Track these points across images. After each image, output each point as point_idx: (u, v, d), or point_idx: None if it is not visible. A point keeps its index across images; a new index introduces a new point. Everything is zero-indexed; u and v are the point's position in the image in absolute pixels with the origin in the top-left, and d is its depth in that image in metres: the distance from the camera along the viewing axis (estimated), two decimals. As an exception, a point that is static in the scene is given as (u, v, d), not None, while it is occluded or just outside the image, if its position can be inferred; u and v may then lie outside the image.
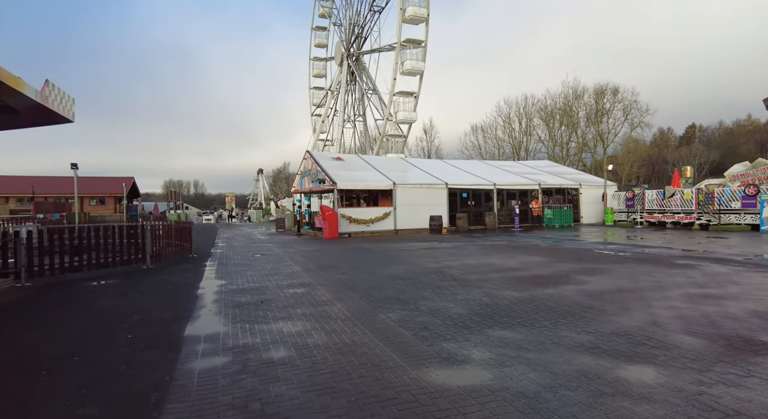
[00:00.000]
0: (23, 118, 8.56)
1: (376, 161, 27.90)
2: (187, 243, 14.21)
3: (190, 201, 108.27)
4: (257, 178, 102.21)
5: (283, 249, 16.13)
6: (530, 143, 60.62)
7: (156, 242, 12.00)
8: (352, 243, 17.86)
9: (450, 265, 10.58)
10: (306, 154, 27.36)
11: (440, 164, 29.88)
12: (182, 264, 12.15)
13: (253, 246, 17.76)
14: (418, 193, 23.17)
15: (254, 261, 12.45)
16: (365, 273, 9.78)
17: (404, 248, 15.01)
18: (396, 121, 37.16)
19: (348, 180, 22.29)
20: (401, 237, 20.12)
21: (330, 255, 13.47)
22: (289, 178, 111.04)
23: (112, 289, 8.43)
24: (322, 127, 54.47)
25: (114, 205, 56.97)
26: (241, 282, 8.98)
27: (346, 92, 47.01)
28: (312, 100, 60.70)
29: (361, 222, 21.83)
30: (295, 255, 13.73)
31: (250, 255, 14.26)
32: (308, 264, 11.64)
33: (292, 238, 21.90)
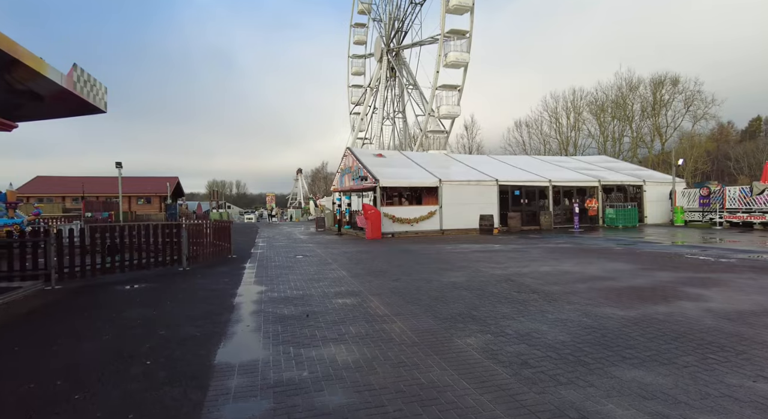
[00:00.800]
0: (50, 105, 7.86)
1: (418, 157, 26.56)
2: (226, 244, 13.42)
3: (233, 200, 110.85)
4: (296, 178, 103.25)
5: (326, 250, 15.11)
6: (579, 138, 57.40)
7: (193, 243, 11.22)
8: (396, 244, 16.62)
9: (519, 272, 9.11)
10: (347, 151, 26.39)
11: (487, 160, 28.13)
12: (220, 266, 11.31)
13: (294, 246, 16.87)
14: (466, 190, 21.63)
15: (296, 264, 11.44)
16: (422, 280, 8.49)
17: (457, 251, 13.60)
18: (438, 116, 35.63)
19: (391, 177, 21.08)
20: (448, 238, 18.68)
21: (376, 258, 12.28)
22: (327, 178, 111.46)
23: (142, 295, 7.56)
24: (361, 125, 53.66)
25: (159, 204, 58.55)
26: (283, 289, 7.91)
27: (386, 88, 45.89)
28: (350, 99, 60.04)
29: (404, 221, 20.56)
30: (339, 258, 12.63)
31: (292, 256, 13.30)
32: (354, 267, 10.48)
33: (333, 238, 20.93)
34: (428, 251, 13.65)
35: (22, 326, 5.80)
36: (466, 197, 21.52)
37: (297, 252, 14.59)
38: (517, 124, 63.30)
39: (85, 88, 7.90)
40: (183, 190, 72.40)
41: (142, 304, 6.87)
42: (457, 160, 27.14)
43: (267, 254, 14.09)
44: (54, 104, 7.85)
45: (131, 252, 9.86)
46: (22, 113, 7.90)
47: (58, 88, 7.16)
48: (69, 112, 8.62)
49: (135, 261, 9.71)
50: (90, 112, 8.72)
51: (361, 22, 56.42)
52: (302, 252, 14.55)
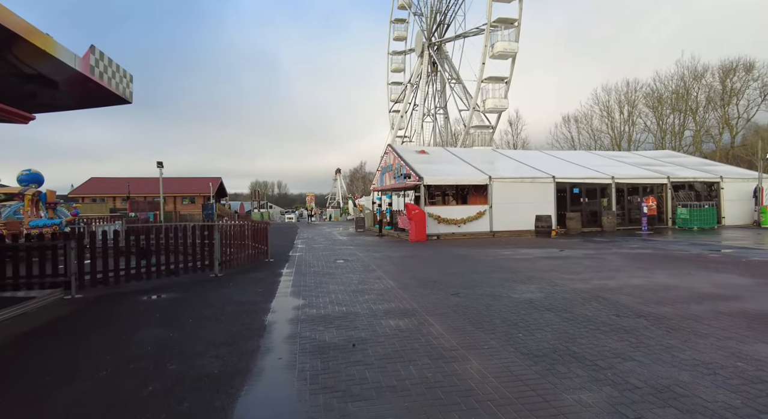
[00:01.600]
0: (66, 94, 7.04)
1: (464, 153, 24.94)
2: (263, 246, 12.48)
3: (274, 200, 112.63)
4: (335, 178, 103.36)
5: (367, 253, 13.91)
6: (633, 133, 53.49)
7: (227, 243, 10.29)
8: (444, 247, 15.19)
9: (606, 286, 7.49)
10: (387, 148, 25.17)
11: (538, 155, 26.07)
12: (255, 271, 10.33)
13: (334, 248, 15.79)
14: (519, 188, 19.84)
15: (337, 270, 10.29)
16: (487, 295, 7.06)
17: (517, 257, 12.01)
18: (484, 110, 33.74)
19: (435, 174, 19.62)
20: (501, 241, 17.03)
21: (425, 264, 10.92)
22: (365, 177, 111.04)
23: (163, 310, 6.59)
24: (401, 123, 52.38)
25: (202, 204, 59.82)
26: (323, 304, 6.72)
27: (427, 84, 44.34)
28: (390, 96, 58.86)
29: (450, 222, 19.06)
30: (383, 263, 11.38)
31: (332, 260, 12.18)
32: (402, 275, 9.18)
33: (374, 240, 19.74)
34: (483, 256, 12.15)
35: (12, 351, 4.88)
36: (518, 196, 19.73)
37: (337, 255, 13.47)
38: (565, 119, 59.94)
39: (106, 74, 7.03)
40: (226, 190, 73.81)
41: (160, 322, 5.86)
42: (505, 156, 25.30)
43: (305, 258, 13.05)
44: (71, 92, 7.03)
45: (166, 254, 9.03)
46: (38, 103, 7.14)
47: (72, 73, 6.29)
48: (90, 102, 7.81)
49: (163, 267, 8.84)
50: (113, 102, 7.89)
51: (401, 18, 55.13)
52: (343, 255, 13.42)
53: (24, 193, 13.37)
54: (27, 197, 13.41)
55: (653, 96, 51.13)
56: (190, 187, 61.19)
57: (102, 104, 8.01)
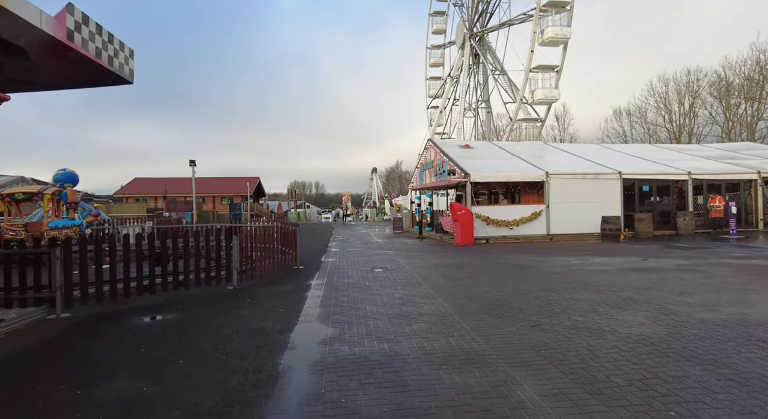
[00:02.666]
0: (43, 67, 5.71)
1: (513, 147, 22.72)
2: (291, 251, 10.99)
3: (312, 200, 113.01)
4: (371, 177, 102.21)
5: (408, 259, 12.16)
6: (695, 125, 48.84)
7: (248, 251, 8.83)
8: (496, 253, 13.21)
9: (748, 317, 5.39)
10: (428, 144, 23.32)
11: (597, 149, 23.43)
12: (280, 282, 8.82)
13: (371, 253, 14.14)
14: (580, 185, 17.49)
15: (375, 282, 8.61)
16: (581, 328, 5.16)
17: (593, 267, 9.92)
18: (532, 102, 31.21)
19: (483, 170, 17.61)
20: (563, 246, 14.83)
21: (481, 276, 9.06)
22: (402, 176, 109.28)
23: (153, 341, 5.11)
24: (439, 119, 50.33)
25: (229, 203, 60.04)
26: (359, 336, 5.04)
27: (468, 76, 42.06)
28: (428, 92, 56.84)
29: (501, 224, 17.00)
30: (430, 274, 9.60)
31: (368, 269, 10.52)
32: (456, 293, 7.37)
33: (414, 243, 17.97)
34: (551, 267, 10.13)
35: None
36: (579, 194, 17.40)
37: (374, 262, 11.81)
38: (617, 113, 55.66)
39: (93, 43, 5.65)
40: (264, 190, 74.18)
41: (141, 363, 4.36)
42: (559, 149, 22.85)
43: (339, 264, 11.47)
44: (48, 65, 5.70)
45: (186, 260, 7.69)
46: (9, 78, 5.85)
47: (42, 37, 4.93)
48: (77, 79, 6.49)
49: (170, 279, 7.46)
50: (108, 80, 6.55)
51: (440, 10, 53.04)
52: (381, 262, 11.74)
53: (44, 192, 12.53)
54: (47, 196, 12.57)
55: (720, 84, 46.42)
56: (228, 186, 61.67)
57: (94, 83, 6.69)
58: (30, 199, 12.72)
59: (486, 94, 43.05)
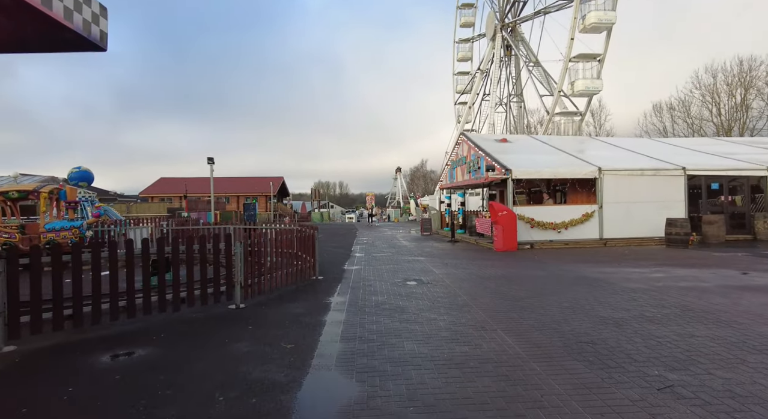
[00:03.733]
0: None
1: (556, 141, 20.58)
2: (309, 258, 9.37)
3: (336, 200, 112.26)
4: (395, 177, 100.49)
5: (446, 269, 10.40)
6: (747, 119, 45.05)
7: (257, 259, 7.27)
8: (547, 260, 11.30)
9: None
10: (460, 138, 21.43)
11: (649, 142, 21.03)
12: (293, 299, 7.22)
13: (400, 260, 12.42)
14: (638, 183, 15.33)
15: (410, 302, 6.90)
16: (746, 399, 3.31)
17: (681, 282, 7.92)
18: (573, 94, 28.85)
19: (526, 165, 15.65)
20: (620, 253, 12.77)
21: (543, 294, 7.23)
22: (426, 176, 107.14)
23: (99, 399, 3.55)
24: (468, 116, 48.20)
25: (265, 203, 59.34)
26: (398, 400, 3.35)
27: (499, 68, 39.84)
28: (456, 87, 54.69)
29: (547, 226, 15.01)
30: (476, 289, 7.82)
31: (400, 281, 8.81)
32: (519, 320, 5.58)
33: (446, 247, 16.16)
34: (624, 280, 8.19)
35: None
36: (636, 193, 15.25)
37: (406, 272, 10.09)
38: (656, 108, 52.10)
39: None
40: (288, 190, 73.54)
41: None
42: (606, 143, 20.56)
43: (365, 274, 9.81)
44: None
45: (189, 269, 6.20)
46: None
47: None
48: (34, 40, 5.01)
49: (155, 297, 5.94)
50: (74, 44, 5.07)
51: (469, 2, 50.80)
52: (413, 272, 10.02)
53: (40, 190, 11.36)
54: (43, 195, 11.40)
55: (778, 74, 42.55)
56: (252, 186, 61.09)
57: (55, 46, 5.22)
58: (25, 198, 11.58)
59: (519, 87, 40.72)
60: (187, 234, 14.18)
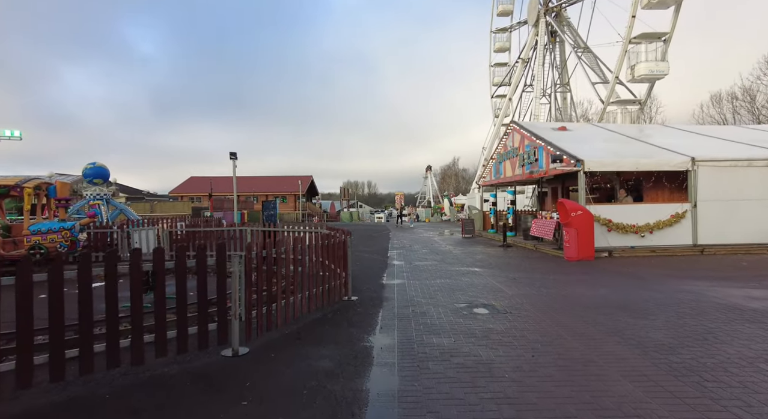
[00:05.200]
0: None
1: (626, 129, 17.64)
2: (340, 271, 7.11)
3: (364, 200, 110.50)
4: (425, 176, 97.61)
5: (519, 288, 7.94)
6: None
7: (266, 281, 5.07)
8: (644, 273, 8.66)
9: None
10: (511, 127, 18.78)
11: (739, 130, 17.73)
12: (316, 341, 4.97)
13: (451, 271, 10.01)
14: (743, 177, 12.38)
15: (494, 351, 4.52)
16: None
17: None
18: (632, 79, 25.58)
19: (601, 156, 12.94)
20: (732, 263, 9.95)
21: (694, 335, 4.71)
22: (458, 174, 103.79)
23: None
24: (507, 110, 45.10)
25: (294, 202, 58.00)
26: None
27: (544, 54, 36.70)
28: (492, 80, 51.57)
29: (628, 229, 12.28)
30: (587, 329, 5.36)
31: (464, 308, 6.42)
32: (719, 407, 3.12)
33: (499, 253, 13.63)
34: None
35: None
36: (742, 189, 12.30)
37: (466, 290, 7.69)
38: (715, 98, 47.40)
39: None
40: (317, 189, 72.19)
41: None
42: (685, 131, 17.43)
43: (412, 293, 7.48)
44: None
45: (200, 286, 4.10)
46: None
47: None
48: None
49: (128, 339, 3.80)
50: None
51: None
52: (477, 291, 7.61)
53: (23, 186, 9.61)
54: (27, 191, 9.64)
55: None
56: (281, 185, 59.89)
57: None
58: (6, 194, 9.86)
59: (564, 76, 37.42)
60: (199, 236, 12.24)
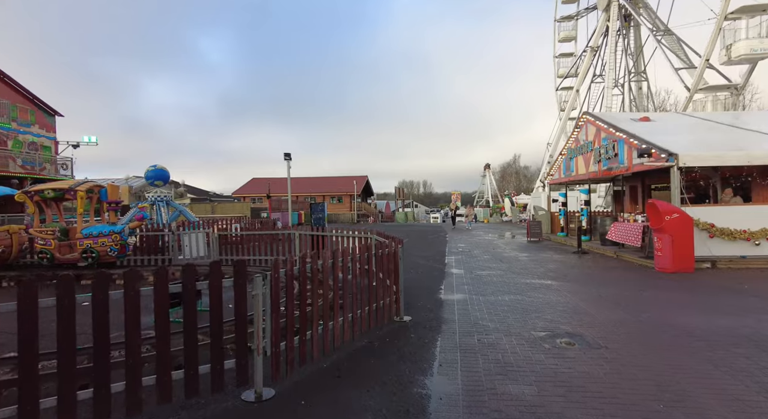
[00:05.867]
0: None
1: (724, 118, 15.16)
2: (390, 284, 6.10)
3: (420, 199, 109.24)
4: (483, 174, 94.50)
5: (609, 310, 6.51)
6: None
7: (305, 300, 4.18)
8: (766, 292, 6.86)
9: None
10: (584, 118, 16.86)
11: None
12: (360, 382, 3.99)
13: (521, 284, 8.67)
14: None
15: (592, 406, 3.30)
16: None
17: None
18: (728, 61, 22.35)
19: (698, 148, 10.94)
20: None
21: None
22: (519, 173, 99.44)
23: None
24: (574, 102, 42.02)
25: (349, 203, 58.10)
26: None
27: (617, 40, 33.56)
28: (557, 72, 48.32)
29: (737, 236, 10.24)
30: (723, 377, 3.94)
31: (544, 339, 5.16)
32: None
33: (574, 261, 11.99)
34: None
35: None
36: None
37: (542, 311, 6.40)
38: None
39: None
40: (372, 189, 72.02)
41: None
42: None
43: (476, 315, 6.31)
44: None
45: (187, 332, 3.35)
46: None
47: None
48: None
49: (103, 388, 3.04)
50: None
51: (573, -28, 44.45)
52: (555, 312, 6.30)
53: (76, 189, 9.55)
54: (80, 194, 9.57)
55: None
56: (337, 186, 60.23)
57: None
58: (62, 198, 9.87)
59: (640, 63, 34.00)
60: (249, 239, 11.78)
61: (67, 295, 2.87)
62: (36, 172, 23.37)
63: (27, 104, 25.09)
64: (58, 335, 2.85)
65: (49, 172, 24.35)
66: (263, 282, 3.66)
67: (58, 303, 2.85)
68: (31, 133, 25.30)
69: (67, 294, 2.87)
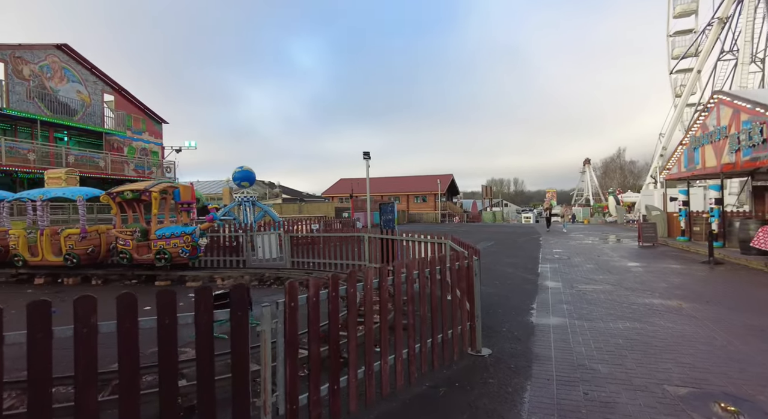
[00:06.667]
0: None
1: None
2: (464, 302, 4.84)
3: (510, 198, 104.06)
4: (583, 170, 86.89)
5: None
6: None
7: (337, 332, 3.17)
8: None
9: None
10: (715, 98, 13.82)
11: None
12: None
13: (639, 306, 6.80)
14: None
15: None
16: None
17: None
18: None
19: None
20: None
21: None
22: (624, 168, 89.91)
23: None
24: (693, 86, 36.40)
25: (434, 202, 56.75)
26: None
27: (756, 4, 28.11)
28: (671, 52, 42.31)
29: None
30: None
31: (683, 395, 3.56)
32: None
33: (705, 274, 9.55)
34: None
35: None
36: None
37: (675, 349, 4.69)
38: None
39: None
40: (457, 188, 69.81)
41: None
42: None
43: (579, 350, 4.80)
44: None
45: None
46: None
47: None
48: None
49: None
50: None
51: (692, -64, 38.45)
52: (694, 353, 4.55)
53: (150, 190, 9.65)
54: (154, 195, 9.66)
55: None
56: (421, 185, 59.26)
57: None
58: (139, 198, 10.05)
59: (787, 32, 28.06)
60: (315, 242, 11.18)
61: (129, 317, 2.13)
62: (145, 175, 25.62)
63: (139, 114, 27.75)
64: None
65: (156, 175, 26.59)
66: (279, 310, 2.68)
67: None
68: (143, 139, 27.95)
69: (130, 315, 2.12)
